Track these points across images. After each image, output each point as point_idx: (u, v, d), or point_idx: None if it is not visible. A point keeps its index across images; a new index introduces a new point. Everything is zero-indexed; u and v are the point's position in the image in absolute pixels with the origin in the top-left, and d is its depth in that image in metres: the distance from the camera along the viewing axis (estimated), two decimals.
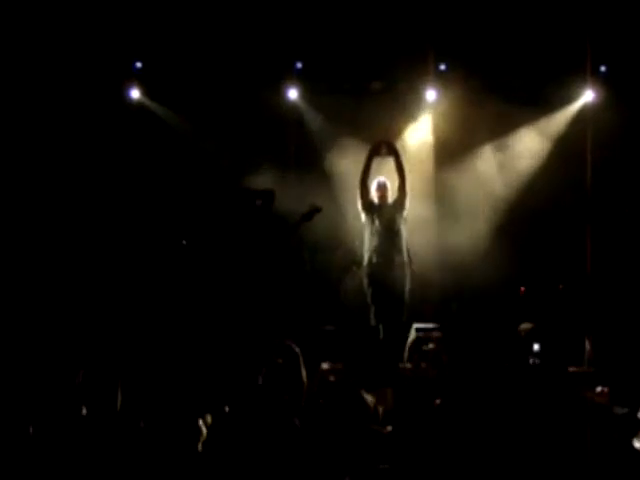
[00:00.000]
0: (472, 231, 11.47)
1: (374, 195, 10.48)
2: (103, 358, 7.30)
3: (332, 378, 7.23)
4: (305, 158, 12.03)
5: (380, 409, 6.35)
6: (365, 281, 10.45)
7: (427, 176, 11.78)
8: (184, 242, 11.71)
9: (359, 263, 10.61)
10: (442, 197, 11.75)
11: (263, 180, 11.75)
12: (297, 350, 6.19)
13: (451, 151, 11.80)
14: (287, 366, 6.03)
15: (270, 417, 5.72)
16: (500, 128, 11.80)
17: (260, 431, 5.68)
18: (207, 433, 5.89)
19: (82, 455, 5.61)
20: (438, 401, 6.37)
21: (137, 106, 12.11)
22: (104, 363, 6.31)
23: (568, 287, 11.31)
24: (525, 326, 8.06)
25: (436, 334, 9.53)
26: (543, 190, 11.59)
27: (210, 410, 6.15)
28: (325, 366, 7.32)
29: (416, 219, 10.81)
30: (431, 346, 8.76)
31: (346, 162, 11.68)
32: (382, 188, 10.48)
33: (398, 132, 11.78)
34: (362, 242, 10.50)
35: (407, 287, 10.28)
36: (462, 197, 11.60)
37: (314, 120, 12.08)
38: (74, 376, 6.14)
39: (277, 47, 11.63)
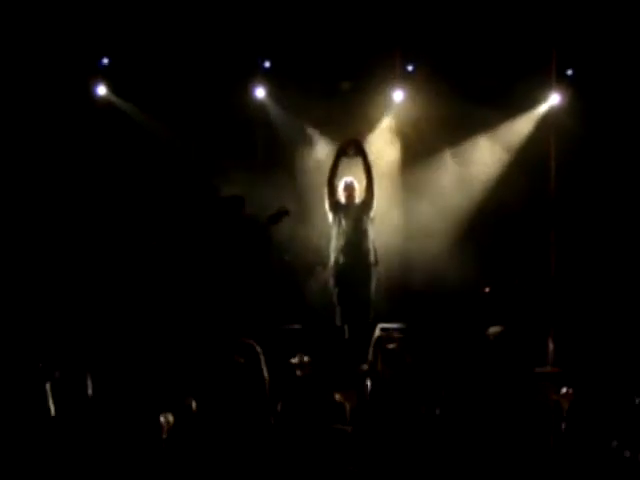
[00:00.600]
0: (437, 232, 11.52)
1: (341, 195, 10.48)
2: (69, 355, 7.31)
3: (299, 373, 7.20)
4: (272, 157, 12.02)
5: (347, 407, 6.35)
6: (331, 281, 10.45)
7: (393, 176, 11.81)
8: (154, 243, 11.68)
9: (325, 263, 10.61)
10: (408, 197, 11.78)
11: (230, 179, 11.74)
12: (258, 349, 6.17)
13: (418, 152, 11.84)
14: (248, 365, 6.01)
15: (231, 416, 5.70)
16: (466, 129, 11.84)
17: (222, 430, 5.66)
18: (169, 430, 5.87)
19: (49, 452, 5.59)
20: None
21: (103, 103, 12.02)
22: (70, 360, 6.30)
23: (525, 283, 11.36)
24: (494, 330, 8.06)
25: (397, 334, 9.51)
26: (508, 192, 11.65)
27: (171, 407, 6.13)
28: (294, 360, 7.29)
29: (382, 220, 10.83)
30: (392, 346, 8.74)
31: (314, 161, 11.71)
32: (349, 188, 10.48)
33: (366, 132, 11.78)
34: (328, 242, 10.50)
35: (373, 288, 10.29)
36: (428, 197, 11.63)
37: (282, 119, 12.07)
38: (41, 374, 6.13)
39: (245, 45, 11.60)
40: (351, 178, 10.55)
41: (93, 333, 10.08)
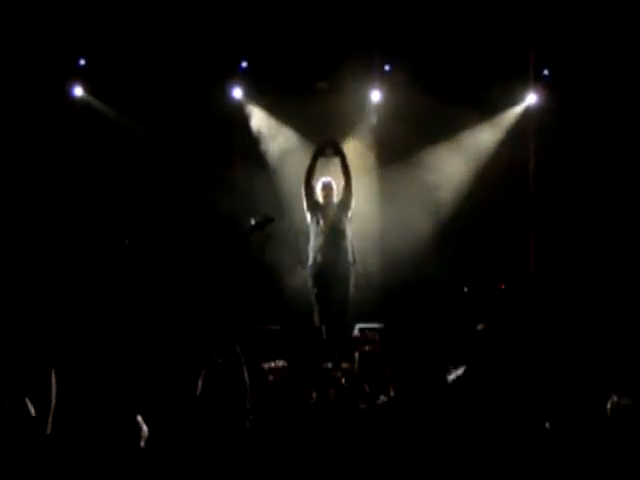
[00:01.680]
0: (416, 231, 11.53)
1: (319, 195, 10.47)
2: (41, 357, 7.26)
3: (271, 377, 7.18)
4: (250, 157, 11.99)
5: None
6: (310, 281, 10.44)
7: (371, 176, 11.80)
8: (126, 241, 11.64)
9: (303, 262, 10.61)
10: (386, 197, 11.79)
11: (208, 179, 11.74)
12: (238, 350, 6.16)
13: (395, 151, 11.84)
14: (228, 366, 6.00)
15: (212, 418, 5.69)
16: (443, 129, 11.85)
17: (201, 431, 5.65)
18: (148, 431, 5.85)
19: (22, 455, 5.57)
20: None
21: (80, 104, 11.97)
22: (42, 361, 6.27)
23: (510, 286, 11.39)
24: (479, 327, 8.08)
25: (372, 335, 9.51)
26: (486, 191, 11.69)
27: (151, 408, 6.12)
28: (266, 365, 7.27)
29: (360, 219, 10.82)
30: (368, 348, 8.74)
31: (291, 161, 11.69)
32: (327, 188, 10.47)
33: (343, 132, 11.79)
34: (307, 241, 10.50)
35: (351, 287, 10.29)
36: (406, 197, 11.64)
37: (259, 119, 12.06)
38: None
39: (222, 46, 11.58)
40: (329, 178, 10.54)
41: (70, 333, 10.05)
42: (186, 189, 11.82)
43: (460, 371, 7.72)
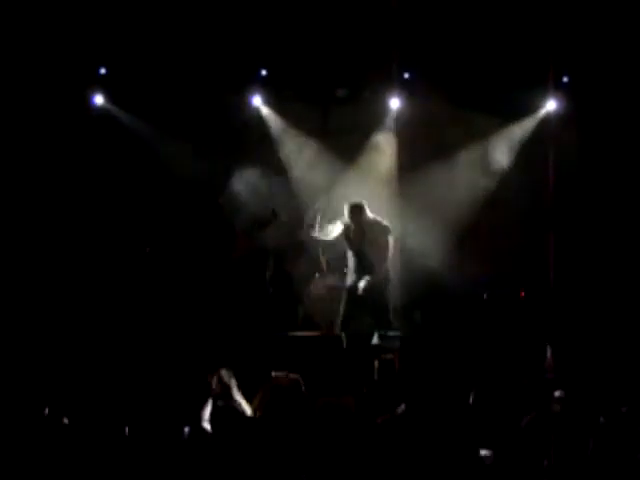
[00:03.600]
0: (435, 240, 11.49)
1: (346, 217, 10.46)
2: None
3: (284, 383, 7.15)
4: (269, 165, 12.01)
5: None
6: (344, 295, 10.46)
7: (390, 184, 11.80)
8: (147, 249, 11.67)
9: (322, 270, 10.65)
10: (406, 206, 11.76)
11: (227, 185, 11.77)
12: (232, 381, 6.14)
13: (415, 159, 11.82)
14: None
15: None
16: (463, 137, 11.82)
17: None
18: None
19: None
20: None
21: (101, 112, 12.02)
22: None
23: (530, 294, 11.35)
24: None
25: (393, 344, 9.51)
26: (506, 199, 11.67)
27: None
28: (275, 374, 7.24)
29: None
30: (389, 357, 8.74)
31: (311, 168, 11.71)
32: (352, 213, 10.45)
33: (362, 139, 11.81)
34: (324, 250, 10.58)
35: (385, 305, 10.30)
36: (425, 205, 11.61)
37: (278, 127, 12.08)
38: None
39: (242, 54, 11.60)
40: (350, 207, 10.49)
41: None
42: (206, 198, 11.84)
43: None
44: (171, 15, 11.45)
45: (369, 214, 10.45)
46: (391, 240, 10.40)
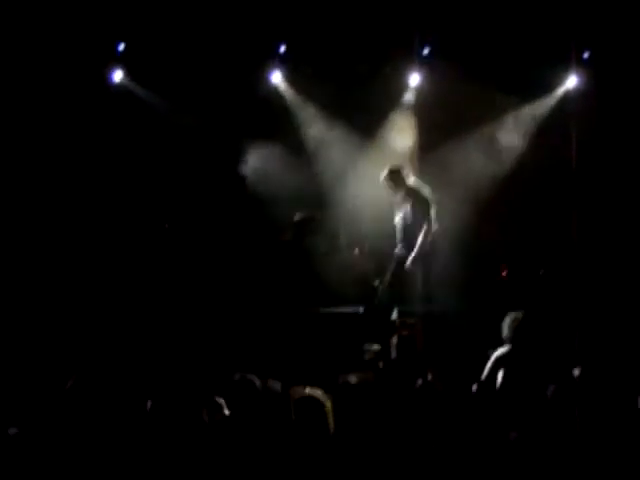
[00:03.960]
0: (455, 216, 11.40)
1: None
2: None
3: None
4: (288, 141, 11.97)
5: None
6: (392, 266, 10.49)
7: (411, 160, 11.73)
8: (166, 226, 11.69)
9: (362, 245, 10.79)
10: (425, 182, 11.70)
11: (247, 162, 11.76)
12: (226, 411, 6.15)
13: (435, 135, 11.73)
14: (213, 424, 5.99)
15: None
16: (483, 113, 11.73)
17: None
18: None
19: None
20: None
21: (120, 89, 12.00)
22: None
23: (549, 272, 11.30)
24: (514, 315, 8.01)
25: (412, 320, 9.50)
26: (528, 175, 11.61)
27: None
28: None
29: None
30: (406, 332, 8.75)
31: (330, 144, 11.68)
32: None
33: (382, 115, 11.78)
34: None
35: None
36: (445, 182, 11.53)
37: (297, 103, 12.03)
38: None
39: (261, 30, 11.55)
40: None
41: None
42: (225, 174, 11.82)
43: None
44: None
45: (410, 180, 10.43)
46: (432, 212, 10.38)
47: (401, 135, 11.90)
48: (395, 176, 10.43)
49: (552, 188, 11.75)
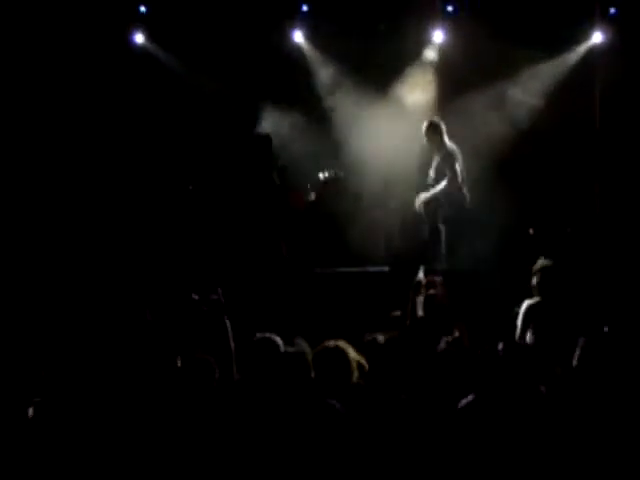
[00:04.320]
0: (476, 168, 11.30)
1: None
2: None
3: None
4: (311, 100, 11.93)
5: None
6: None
7: (432, 112, 11.64)
8: (190, 187, 11.69)
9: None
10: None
11: (269, 124, 11.70)
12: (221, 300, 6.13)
13: (456, 89, 11.60)
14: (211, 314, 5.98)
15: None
16: (506, 69, 11.58)
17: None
18: None
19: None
20: None
21: (141, 51, 11.98)
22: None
23: (576, 230, 11.24)
24: (542, 263, 7.99)
25: (438, 279, 9.46)
26: (550, 132, 11.54)
27: None
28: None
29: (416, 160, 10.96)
30: (432, 292, 8.70)
31: (351, 103, 11.61)
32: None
33: (404, 69, 11.73)
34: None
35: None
36: (468, 137, 11.42)
37: (320, 62, 11.96)
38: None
39: None
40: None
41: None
42: (247, 135, 11.78)
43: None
44: None
45: (445, 138, 10.58)
46: (457, 165, 10.54)
47: (422, 91, 11.82)
48: (432, 130, 10.60)
49: (576, 147, 11.64)
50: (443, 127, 10.64)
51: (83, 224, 11.27)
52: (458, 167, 10.56)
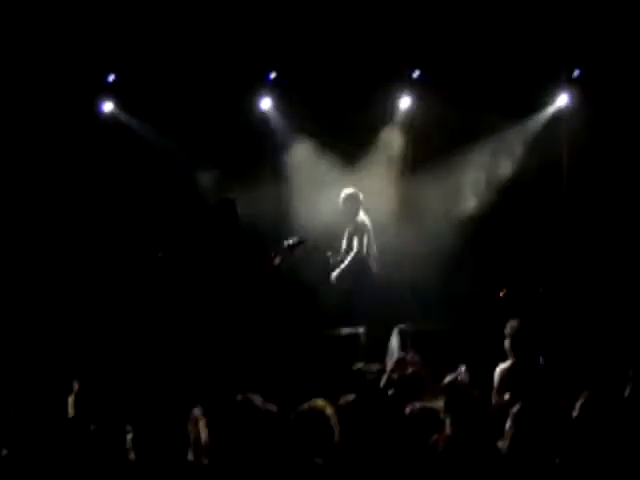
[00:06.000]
0: (443, 239, 11.33)
1: None
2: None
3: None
4: (278, 167, 11.94)
5: None
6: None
7: (402, 182, 11.71)
8: (160, 255, 11.59)
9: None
10: (412, 203, 11.67)
11: (236, 192, 11.66)
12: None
13: (424, 156, 11.71)
14: None
15: None
16: (473, 134, 11.66)
17: None
18: None
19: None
20: None
21: (110, 119, 11.97)
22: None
23: (549, 290, 11.25)
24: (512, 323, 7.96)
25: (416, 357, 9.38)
26: (519, 194, 11.61)
27: None
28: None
29: (382, 226, 11.05)
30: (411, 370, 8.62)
31: (318, 168, 11.68)
32: None
33: (371, 140, 11.79)
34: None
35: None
36: (433, 204, 11.50)
37: (287, 130, 12.00)
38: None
39: (250, 57, 11.56)
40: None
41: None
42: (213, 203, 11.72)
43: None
44: (178, 19, 11.43)
45: (361, 210, 10.78)
46: (366, 240, 10.71)
47: (390, 158, 11.88)
48: (350, 200, 10.81)
49: (544, 209, 11.70)
50: (361, 198, 10.80)
51: (50, 296, 11.14)
52: (366, 240, 10.72)
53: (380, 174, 11.77)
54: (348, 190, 10.86)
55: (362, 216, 10.83)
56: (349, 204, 10.81)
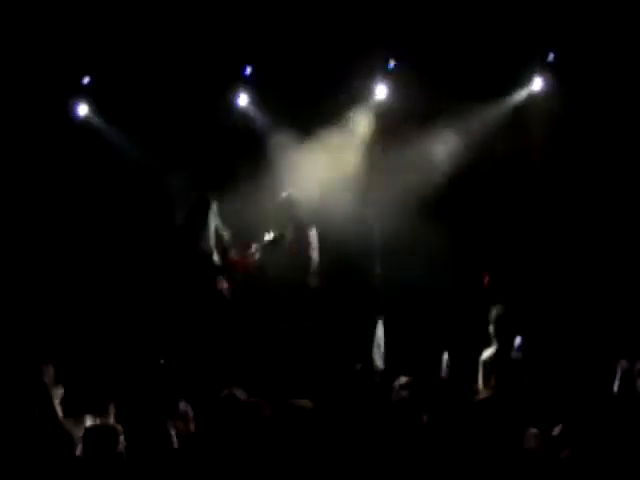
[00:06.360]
0: (421, 222, 11.31)
1: None
2: None
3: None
4: (256, 165, 11.86)
5: None
6: None
7: (376, 179, 11.71)
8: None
9: None
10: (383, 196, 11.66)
11: (215, 191, 11.64)
12: None
13: (399, 148, 11.61)
14: None
15: None
16: (446, 116, 11.58)
17: None
18: None
19: None
20: None
21: (84, 122, 11.91)
22: None
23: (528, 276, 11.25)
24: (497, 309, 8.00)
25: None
26: (491, 181, 11.60)
27: None
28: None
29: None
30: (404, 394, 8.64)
31: (297, 163, 11.62)
32: None
33: (348, 130, 11.76)
34: None
35: None
36: (403, 186, 11.44)
37: (264, 124, 11.97)
38: None
39: (226, 53, 11.52)
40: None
41: None
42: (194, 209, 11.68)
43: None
44: (153, 18, 11.38)
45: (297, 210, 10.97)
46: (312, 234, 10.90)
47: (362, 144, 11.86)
48: (287, 204, 11.09)
49: (515, 194, 11.68)
50: (298, 200, 11.07)
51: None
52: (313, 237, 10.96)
53: (354, 158, 11.73)
54: (284, 195, 11.12)
55: (300, 216, 11.05)
56: (287, 207, 11.09)
